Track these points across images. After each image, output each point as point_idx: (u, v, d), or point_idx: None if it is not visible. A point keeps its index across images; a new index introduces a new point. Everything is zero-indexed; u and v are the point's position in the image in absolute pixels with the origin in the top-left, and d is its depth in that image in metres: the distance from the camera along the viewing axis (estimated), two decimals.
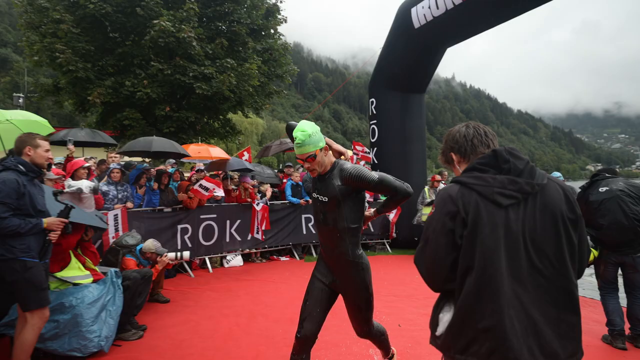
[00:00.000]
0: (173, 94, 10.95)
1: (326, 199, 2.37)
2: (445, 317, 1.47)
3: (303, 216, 7.97)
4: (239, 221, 7.23)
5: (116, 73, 10.81)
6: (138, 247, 4.93)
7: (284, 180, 8.28)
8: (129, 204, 5.75)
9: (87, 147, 8.08)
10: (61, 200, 3.27)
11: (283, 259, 7.82)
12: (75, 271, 3.93)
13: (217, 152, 7.78)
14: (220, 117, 12.94)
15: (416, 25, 8.06)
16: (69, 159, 6.01)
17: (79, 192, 4.04)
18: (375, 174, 2.34)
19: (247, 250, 7.41)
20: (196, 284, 6.08)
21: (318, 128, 2.38)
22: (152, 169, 6.72)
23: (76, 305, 3.54)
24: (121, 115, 10.64)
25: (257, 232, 7.14)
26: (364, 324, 2.62)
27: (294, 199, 7.85)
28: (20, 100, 21.16)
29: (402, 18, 8.53)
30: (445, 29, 7.82)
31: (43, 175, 3.45)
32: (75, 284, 3.79)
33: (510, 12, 6.87)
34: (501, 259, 1.34)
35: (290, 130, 2.58)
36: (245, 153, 7.90)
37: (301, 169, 8.60)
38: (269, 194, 7.50)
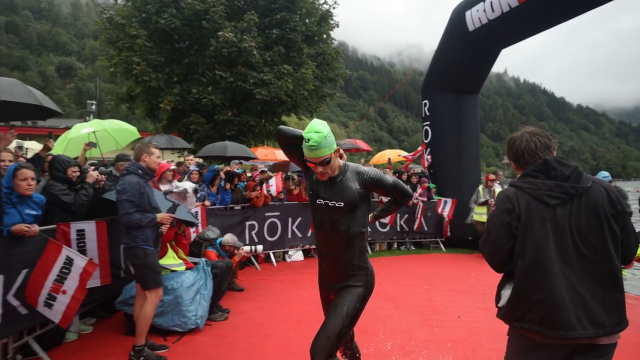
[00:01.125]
0: (234, 99, 11.76)
1: (342, 204, 2.21)
2: (506, 293, 1.85)
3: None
4: (299, 219, 7.76)
5: (182, 81, 11.80)
6: (218, 241, 5.57)
7: None
8: (207, 202, 6.43)
9: (163, 150, 8.99)
10: (169, 198, 3.91)
11: None
12: (171, 260, 4.59)
13: (281, 154, 8.39)
14: (276, 119, 13.66)
15: (470, 28, 8.17)
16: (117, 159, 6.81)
17: (184, 192, 4.71)
18: (389, 178, 2.31)
19: (308, 246, 7.93)
20: (264, 276, 6.68)
21: (329, 128, 2.16)
22: (221, 171, 7.41)
23: (177, 288, 4.19)
24: (187, 120, 11.63)
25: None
26: (334, 337, 2.15)
27: None
28: (92, 107, 23.26)
29: (456, 21, 8.66)
30: (500, 32, 7.87)
31: (155, 178, 4.12)
32: (172, 271, 4.46)
33: (570, 12, 6.84)
34: (550, 247, 1.69)
35: (282, 134, 2.32)
36: None
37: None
38: None
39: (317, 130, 2.05)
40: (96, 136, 6.27)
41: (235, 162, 8.70)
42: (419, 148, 9.76)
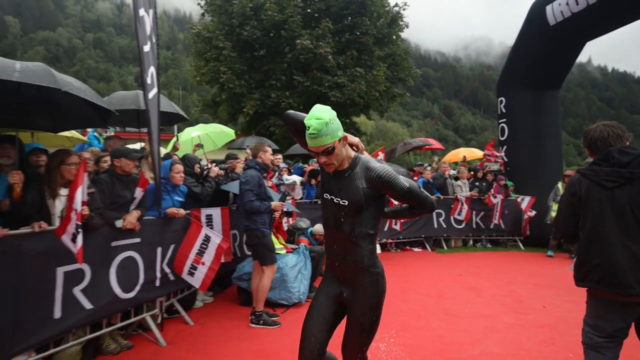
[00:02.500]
0: (310, 102, 12.63)
1: (346, 203, 2.04)
2: (574, 260, 2.43)
3: (434, 211, 8.70)
4: None
5: (261, 87, 12.91)
6: (309, 230, 6.30)
7: (415, 178, 9.10)
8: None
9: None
10: (282, 190, 4.67)
11: (416, 250, 8.66)
12: (275, 244, 5.37)
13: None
14: (347, 120, 14.35)
15: (551, 22, 8.16)
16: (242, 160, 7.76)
17: (293, 184, 5.50)
18: (405, 182, 2.04)
19: (384, 240, 8.43)
20: None
21: (335, 114, 1.98)
22: (305, 168, 8.18)
23: (283, 267, 4.94)
24: (267, 122, 12.71)
25: (396, 224, 8.12)
26: (358, 350, 2.19)
27: None
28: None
29: (536, 15, 8.66)
30: (585, 25, 7.78)
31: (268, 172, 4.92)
32: (276, 254, 5.23)
33: None
34: (607, 221, 2.16)
35: (289, 120, 2.22)
36: (380, 153, 8.94)
37: (429, 167, 9.32)
38: None
39: (318, 117, 1.89)
40: (200, 138, 7.33)
41: (313, 160, 9.47)
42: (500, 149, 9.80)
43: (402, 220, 8.22)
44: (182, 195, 4.45)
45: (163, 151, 5.89)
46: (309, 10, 13.11)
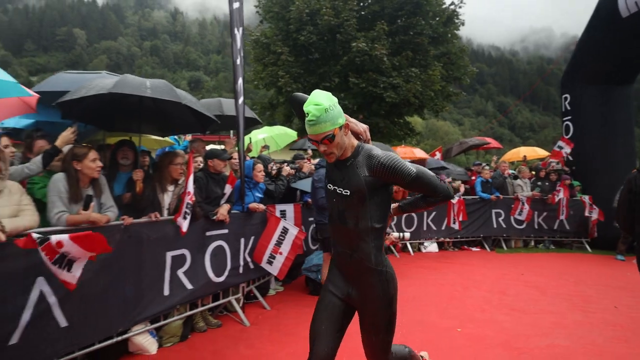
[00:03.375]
0: (365, 103, 12.98)
1: (348, 193, 1.95)
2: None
3: (493, 211, 8.72)
4: (434, 213, 8.47)
5: (315, 89, 13.40)
6: None
7: (473, 178, 9.15)
8: None
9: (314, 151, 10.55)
10: None
11: (474, 249, 8.72)
12: None
13: (419, 152, 9.24)
14: (401, 120, 14.52)
15: (624, 14, 7.89)
16: (307, 160, 8.24)
17: None
18: (412, 167, 1.92)
19: (442, 238, 8.58)
20: (404, 262, 7.56)
21: (336, 100, 1.90)
22: None
23: None
24: None
25: (454, 223, 8.26)
26: (380, 352, 2.13)
27: (484, 195, 8.66)
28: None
29: (606, 8, 8.40)
30: None
31: None
32: None
33: None
34: None
35: (295, 102, 2.11)
36: (437, 153, 9.11)
37: (487, 167, 9.32)
38: (462, 189, 8.52)
39: (317, 103, 1.81)
40: (265, 140, 7.92)
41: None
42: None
43: (460, 219, 8.33)
44: (261, 192, 4.97)
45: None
46: (363, 13, 13.44)
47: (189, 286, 3.96)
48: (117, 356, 3.53)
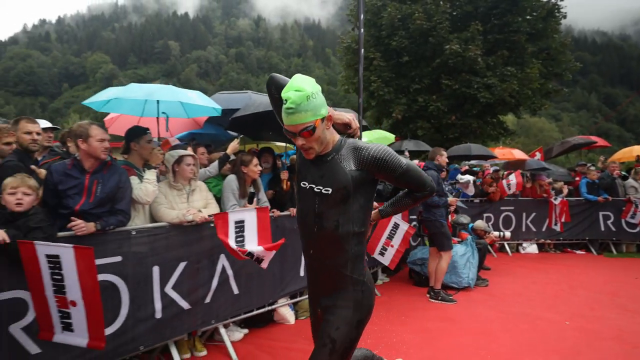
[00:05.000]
0: (458, 104, 13.14)
1: (329, 191, 1.76)
2: None
3: (601, 213, 8.47)
4: (534, 214, 8.50)
5: (407, 92, 13.88)
6: (470, 225, 7.02)
7: (577, 179, 8.96)
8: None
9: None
10: (457, 187, 5.58)
11: (578, 252, 8.56)
12: None
13: (518, 153, 9.31)
14: (494, 120, 14.37)
15: None
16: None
17: (467, 182, 6.41)
18: (402, 159, 1.79)
19: (542, 240, 8.57)
20: (503, 261, 7.76)
21: (319, 87, 1.70)
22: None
23: (453, 255, 5.80)
24: (414, 125, 13.65)
25: (556, 224, 8.23)
26: None
27: (590, 196, 8.46)
28: None
29: None
30: None
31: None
32: None
33: None
34: None
35: (273, 85, 1.89)
36: (537, 153, 9.08)
37: (593, 167, 9.03)
38: (565, 190, 8.43)
39: (298, 88, 1.61)
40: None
41: (469, 163, 10.04)
42: None
43: (562, 220, 8.25)
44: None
45: None
46: (455, 14, 13.58)
47: None
48: (265, 323, 4.47)
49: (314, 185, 1.82)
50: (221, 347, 3.77)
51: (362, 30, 4.37)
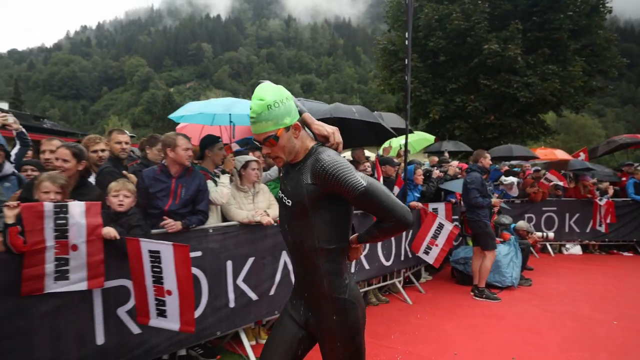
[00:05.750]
0: (496, 104, 13.07)
1: (290, 203, 1.72)
2: None
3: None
4: (577, 214, 8.44)
5: (444, 92, 13.92)
6: (512, 226, 7.10)
7: (624, 179, 8.80)
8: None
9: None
10: (501, 188, 5.72)
11: (626, 254, 8.43)
12: None
13: (560, 153, 9.25)
14: (534, 119, 14.16)
15: None
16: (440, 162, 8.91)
17: (511, 184, 6.54)
18: (362, 180, 1.59)
19: (586, 241, 8.49)
20: (545, 262, 7.78)
21: (287, 94, 1.67)
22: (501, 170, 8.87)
23: (497, 254, 5.94)
24: (451, 126, 13.68)
25: (600, 225, 8.15)
26: None
27: (638, 197, 8.31)
28: None
29: None
30: None
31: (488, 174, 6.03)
32: None
33: None
34: None
35: None
36: (581, 153, 8.98)
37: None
38: (610, 191, 8.32)
39: (260, 98, 1.61)
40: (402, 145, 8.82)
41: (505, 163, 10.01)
42: None
43: (607, 221, 8.16)
44: (419, 192, 5.92)
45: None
46: (494, 13, 13.47)
47: (367, 267, 5.09)
48: None
49: (283, 196, 1.79)
50: None
51: (409, 42, 4.62)
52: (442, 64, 13.73)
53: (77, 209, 2.63)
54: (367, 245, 5.09)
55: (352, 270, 4.92)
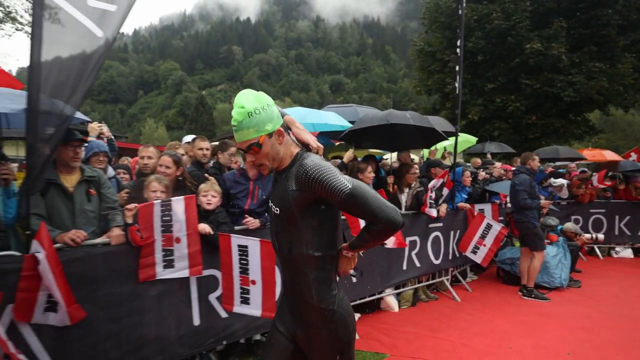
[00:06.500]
0: (538, 104, 12.96)
1: (278, 211, 1.73)
2: None
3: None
4: (628, 217, 8.34)
5: (483, 92, 13.90)
6: (558, 227, 7.15)
7: None
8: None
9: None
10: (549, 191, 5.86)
11: None
12: None
13: (609, 154, 9.17)
14: (578, 118, 13.92)
15: None
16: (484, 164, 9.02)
17: (561, 186, 6.65)
18: (347, 183, 1.58)
19: (638, 244, 8.38)
20: (595, 265, 7.75)
21: (268, 101, 1.67)
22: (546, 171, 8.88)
23: (545, 255, 6.05)
24: (490, 126, 13.65)
25: None
26: None
27: None
28: None
29: None
30: None
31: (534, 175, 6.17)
32: None
33: None
34: None
35: None
36: (632, 154, 8.85)
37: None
38: None
39: (240, 105, 1.61)
40: (447, 147, 9.00)
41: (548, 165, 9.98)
42: None
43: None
44: (466, 194, 6.13)
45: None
46: (536, 11, 13.35)
47: (418, 264, 5.35)
48: (372, 309, 5.11)
49: (272, 204, 1.78)
50: None
51: (461, 51, 4.87)
52: (480, 64, 13.72)
53: (179, 206, 3.05)
54: (418, 244, 5.34)
55: (404, 267, 5.21)
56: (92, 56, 2.58)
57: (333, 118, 4.67)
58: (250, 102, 1.61)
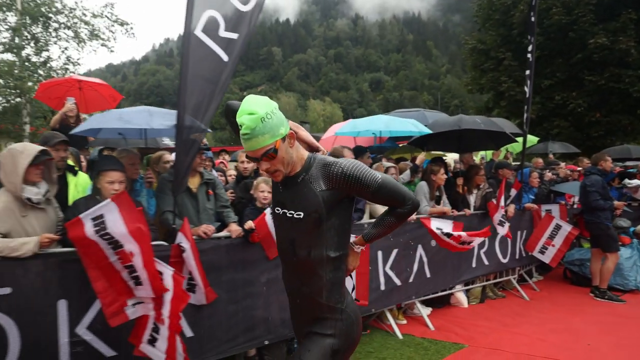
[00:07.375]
0: (603, 101, 12.57)
1: (301, 215, 1.71)
2: None
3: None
4: None
5: (540, 89, 13.62)
6: (631, 229, 7.05)
7: None
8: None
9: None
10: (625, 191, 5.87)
11: None
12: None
13: None
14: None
15: None
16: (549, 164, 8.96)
17: (636, 187, 6.63)
18: (377, 173, 1.69)
19: None
20: None
21: (275, 104, 1.64)
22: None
23: (619, 257, 6.02)
24: (548, 124, 13.38)
25: None
26: None
27: None
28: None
29: None
30: None
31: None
32: None
33: None
34: None
35: (229, 113, 1.81)
36: None
37: None
38: None
39: (250, 111, 1.56)
40: (506, 148, 9.02)
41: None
42: None
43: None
44: (533, 194, 6.24)
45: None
46: (600, 4, 12.92)
47: (486, 262, 5.55)
48: (442, 304, 5.35)
49: (287, 211, 1.75)
50: (417, 318, 4.77)
51: (532, 54, 5.06)
52: (537, 60, 13.42)
53: None
54: (487, 243, 5.53)
55: (474, 264, 5.42)
56: (221, 78, 3.05)
57: (414, 125, 4.99)
58: (260, 107, 1.57)
